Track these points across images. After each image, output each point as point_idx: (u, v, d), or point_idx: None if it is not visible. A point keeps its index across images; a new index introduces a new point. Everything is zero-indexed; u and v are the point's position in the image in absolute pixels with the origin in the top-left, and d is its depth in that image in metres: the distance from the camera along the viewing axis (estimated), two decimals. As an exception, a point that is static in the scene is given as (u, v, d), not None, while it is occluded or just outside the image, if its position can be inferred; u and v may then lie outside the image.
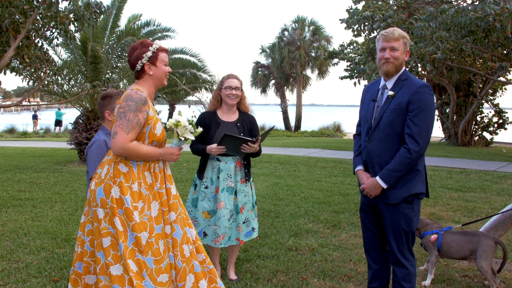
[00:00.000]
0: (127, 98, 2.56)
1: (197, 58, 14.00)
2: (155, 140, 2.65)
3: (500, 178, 8.84)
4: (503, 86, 17.50)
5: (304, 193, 7.25)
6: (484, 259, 3.52)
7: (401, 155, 2.78)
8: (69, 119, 13.76)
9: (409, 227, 2.90)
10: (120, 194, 2.52)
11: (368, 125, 2.99)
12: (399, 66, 2.89)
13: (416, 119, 2.76)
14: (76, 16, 7.34)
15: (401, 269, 2.93)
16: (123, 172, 2.56)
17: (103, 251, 2.52)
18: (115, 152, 2.54)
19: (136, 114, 2.53)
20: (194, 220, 3.74)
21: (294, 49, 32.11)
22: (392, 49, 2.87)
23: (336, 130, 28.18)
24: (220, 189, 3.66)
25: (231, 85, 3.73)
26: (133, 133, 2.54)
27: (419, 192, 2.88)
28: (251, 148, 3.57)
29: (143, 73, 2.69)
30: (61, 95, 11.67)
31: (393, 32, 2.88)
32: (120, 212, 2.52)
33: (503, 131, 18.20)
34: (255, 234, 3.87)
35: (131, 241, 2.51)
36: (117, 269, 2.48)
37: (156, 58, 2.69)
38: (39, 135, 24.58)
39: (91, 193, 2.61)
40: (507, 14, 7.99)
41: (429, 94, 2.80)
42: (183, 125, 2.75)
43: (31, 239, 4.84)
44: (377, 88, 3.01)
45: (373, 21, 10.66)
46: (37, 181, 8.36)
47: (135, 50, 2.68)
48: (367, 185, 2.93)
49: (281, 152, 13.20)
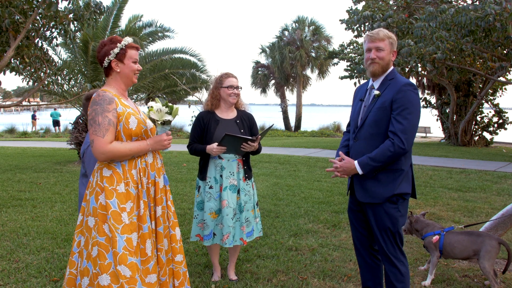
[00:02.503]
0: (92, 103, 2.52)
1: (197, 58, 14.01)
2: (132, 135, 2.58)
3: (500, 178, 8.84)
4: (503, 86, 17.51)
5: (304, 193, 7.25)
6: (487, 260, 3.52)
7: (384, 146, 2.79)
8: (69, 119, 13.75)
9: (395, 227, 2.90)
10: (105, 199, 2.49)
11: (354, 124, 3.04)
12: (385, 66, 2.92)
13: (399, 117, 2.77)
14: (76, 16, 7.35)
15: (393, 269, 2.93)
16: (106, 176, 2.53)
17: (91, 262, 2.48)
18: (99, 158, 2.50)
19: (105, 115, 2.48)
20: (202, 223, 3.71)
21: (295, 49, 32.12)
22: (377, 49, 2.90)
23: (336, 130, 28.17)
24: (223, 187, 3.64)
25: (232, 85, 3.72)
26: (108, 134, 2.48)
27: (403, 192, 2.87)
28: (251, 147, 3.56)
29: (110, 70, 2.63)
30: (61, 95, 11.68)
31: (378, 32, 2.92)
32: (107, 217, 2.48)
33: (503, 131, 18.21)
34: (255, 234, 3.84)
35: (121, 245, 2.46)
36: (104, 279, 2.44)
37: (124, 55, 2.61)
38: (39, 135, 24.59)
39: (87, 203, 2.58)
40: (507, 14, 7.99)
41: (412, 93, 2.81)
42: (156, 109, 2.68)
43: (31, 239, 4.84)
44: (366, 88, 3.06)
45: (373, 20, 10.66)
46: (37, 181, 8.36)
47: (104, 47, 2.61)
48: (344, 164, 2.93)
49: (281, 152, 13.20)
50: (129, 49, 2.64)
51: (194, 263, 4.17)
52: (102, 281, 2.43)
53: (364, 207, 2.99)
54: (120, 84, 2.66)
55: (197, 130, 3.73)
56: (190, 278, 3.78)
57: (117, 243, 2.45)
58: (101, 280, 2.43)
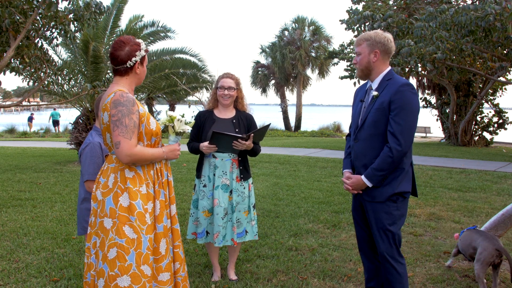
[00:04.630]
0: (116, 104, 2.48)
1: (197, 58, 14.00)
2: (153, 135, 2.61)
3: (500, 178, 8.84)
4: (503, 86, 17.51)
5: (304, 193, 7.25)
6: (478, 262, 3.53)
7: (384, 154, 2.82)
8: (68, 119, 13.75)
9: (394, 226, 2.90)
10: (130, 201, 2.49)
11: (355, 125, 3.06)
12: (365, 70, 2.96)
13: (397, 118, 2.78)
14: (76, 16, 7.35)
15: (391, 270, 2.93)
16: (129, 177, 2.53)
17: (107, 263, 2.48)
18: (124, 161, 2.48)
19: (131, 117, 2.48)
20: (197, 221, 3.72)
21: (294, 49, 32.11)
22: (356, 54, 2.99)
23: (336, 130, 28.18)
24: (215, 186, 3.65)
25: (223, 85, 3.72)
26: (134, 137, 2.49)
27: (403, 191, 2.89)
28: (243, 145, 3.52)
29: (130, 71, 2.63)
30: (61, 95, 11.68)
31: (358, 37, 3.01)
32: (132, 219, 2.48)
33: (503, 131, 18.21)
34: (248, 237, 3.79)
35: (146, 245, 2.49)
36: (124, 281, 2.45)
37: (144, 59, 2.67)
38: (39, 135, 24.59)
39: (99, 204, 2.56)
40: (507, 14, 7.98)
41: (410, 93, 2.82)
42: (178, 118, 2.73)
43: (31, 239, 4.84)
44: (365, 89, 3.08)
45: (373, 20, 10.66)
46: (37, 181, 8.36)
47: (126, 45, 2.59)
48: (352, 182, 2.98)
49: (281, 152, 13.20)
50: (146, 53, 2.70)
51: (194, 263, 4.17)
52: (122, 282, 2.44)
53: (365, 205, 3.01)
54: (132, 85, 2.68)
55: (195, 128, 3.76)
56: (190, 278, 3.79)
57: (142, 244, 2.48)
58: (120, 282, 2.44)
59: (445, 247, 4.61)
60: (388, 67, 2.98)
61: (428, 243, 4.74)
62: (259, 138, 3.67)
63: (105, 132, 2.59)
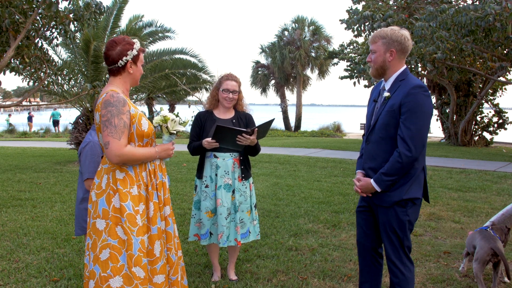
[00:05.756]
0: (106, 104, 2.47)
1: (197, 58, 13.99)
2: (144, 136, 2.59)
3: (500, 178, 8.84)
4: (503, 86, 17.50)
5: (304, 193, 7.25)
6: (476, 260, 3.53)
7: (393, 159, 2.73)
8: (68, 119, 13.76)
9: (403, 231, 2.83)
10: (120, 202, 2.48)
11: (367, 126, 2.99)
12: (379, 69, 2.84)
13: (407, 122, 2.68)
14: (76, 16, 7.35)
15: (398, 274, 2.87)
16: (119, 178, 2.52)
17: (99, 265, 2.47)
18: (113, 161, 2.47)
19: (120, 117, 2.46)
20: (199, 222, 3.71)
21: (294, 49, 32.10)
22: (371, 52, 2.85)
23: (336, 130, 28.16)
24: (218, 186, 3.64)
25: (228, 88, 3.69)
26: (123, 137, 2.47)
27: (413, 197, 2.80)
28: (247, 140, 3.48)
29: (122, 70, 2.62)
30: (61, 95, 11.67)
31: (374, 34, 2.86)
32: (122, 220, 2.47)
33: (503, 131, 18.20)
34: (251, 237, 3.80)
35: (137, 247, 2.47)
36: (117, 282, 2.44)
37: (137, 58, 2.64)
38: (39, 135, 24.58)
39: (93, 205, 2.56)
40: (507, 13, 7.98)
41: (423, 95, 2.70)
42: (172, 119, 2.71)
43: (31, 239, 4.84)
44: (379, 88, 2.98)
45: (373, 20, 10.66)
46: (37, 181, 8.36)
47: (117, 45, 2.59)
48: (361, 185, 2.92)
49: (281, 152, 13.20)
50: (141, 52, 2.67)
51: (194, 263, 4.17)
52: (114, 283, 2.44)
53: (375, 208, 2.95)
54: (126, 85, 2.67)
55: (196, 129, 3.75)
56: (190, 278, 3.80)
57: (132, 245, 2.46)
58: (113, 283, 2.44)
59: (445, 247, 4.61)
60: (403, 66, 2.85)
61: (428, 243, 4.74)
62: (262, 133, 3.63)
63: (98, 133, 2.59)
